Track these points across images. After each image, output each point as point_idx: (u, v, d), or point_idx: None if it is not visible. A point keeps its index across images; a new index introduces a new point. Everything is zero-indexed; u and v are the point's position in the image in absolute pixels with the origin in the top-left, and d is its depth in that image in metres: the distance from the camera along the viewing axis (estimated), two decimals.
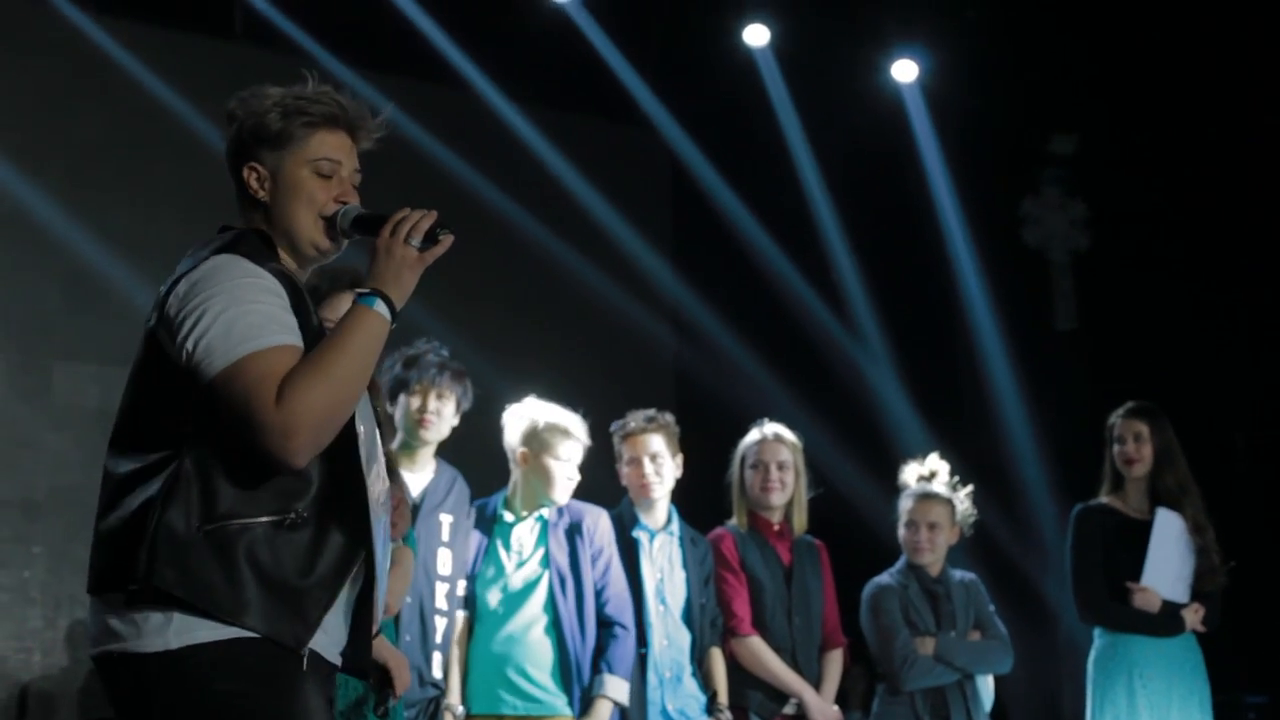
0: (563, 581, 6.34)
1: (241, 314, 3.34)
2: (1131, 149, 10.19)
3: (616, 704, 6.32)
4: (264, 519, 3.33)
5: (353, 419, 3.46)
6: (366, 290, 3.46)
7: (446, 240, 3.54)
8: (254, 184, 3.62)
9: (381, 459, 3.69)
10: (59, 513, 8.86)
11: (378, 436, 3.72)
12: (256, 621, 3.28)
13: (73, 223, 9.04)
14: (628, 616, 6.41)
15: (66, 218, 9.03)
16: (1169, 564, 7.29)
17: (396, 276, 3.48)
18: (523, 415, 6.46)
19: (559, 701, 6.27)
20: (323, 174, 3.62)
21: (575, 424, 6.48)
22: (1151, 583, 7.25)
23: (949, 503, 7.23)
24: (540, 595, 6.32)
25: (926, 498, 7.21)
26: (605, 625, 6.35)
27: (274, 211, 3.62)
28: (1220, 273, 9.65)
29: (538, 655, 6.28)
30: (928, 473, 7.30)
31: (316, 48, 9.11)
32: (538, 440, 6.41)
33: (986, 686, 7.21)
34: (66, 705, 8.89)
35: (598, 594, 6.38)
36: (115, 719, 3.38)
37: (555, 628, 6.30)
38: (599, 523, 6.51)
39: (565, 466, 6.41)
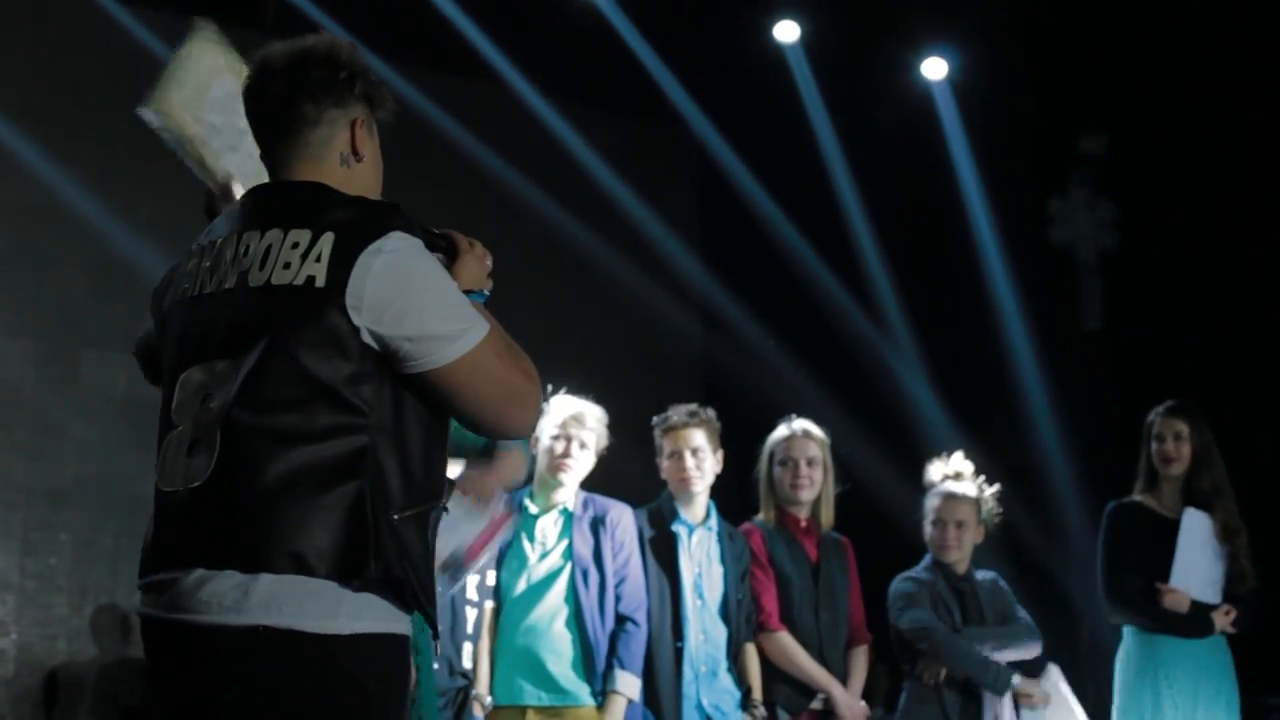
0: (585, 574, 6.33)
1: (460, 299, 3.36)
2: (1160, 149, 10.16)
3: (629, 699, 6.34)
4: (439, 503, 3.38)
5: None
6: (472, 289, 3.52)
7: None
8: (360, 139, 3.50)
9: None
10: (86, 501, 8.91)
11: None
12: (431, 609, 3.33)
13: (101, 211, 9.09)
14: (641, 613, 6.40)
15: (95, 206, 9.08)
16: (1198, 565, 7.27)
17: (481, 281, 3.60)
18: (549, 404, 6.46)
19: (581, 692, 6.27)
20: None
21: (590, 412, 6.47)
22: (1180, 584, 7.23)
23: (975, 501, 7.23)
24: (561, 587, 6.31)
25: (953, 497, 7.21)
26: (619, 620, 6.36)
27: (360, 178, 3.50)
28: (1247, 274, 9.62)
29: (559, 646, 6.28)
30: (953, 472, 7.30)
31: (348, 40, 9.10)
32: (548, 425, 6.41)
33: None
34: (92, 692, 8.92)
35: (615, 588, 6.39)
36: (210, 694, 3.19)
37: (576, 619, 6.30)
38: (623, 518, 6.50)
39: (566, 447, 6.40)
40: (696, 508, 6.75)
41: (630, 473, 6.95)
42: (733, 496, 7.18)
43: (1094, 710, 7.81)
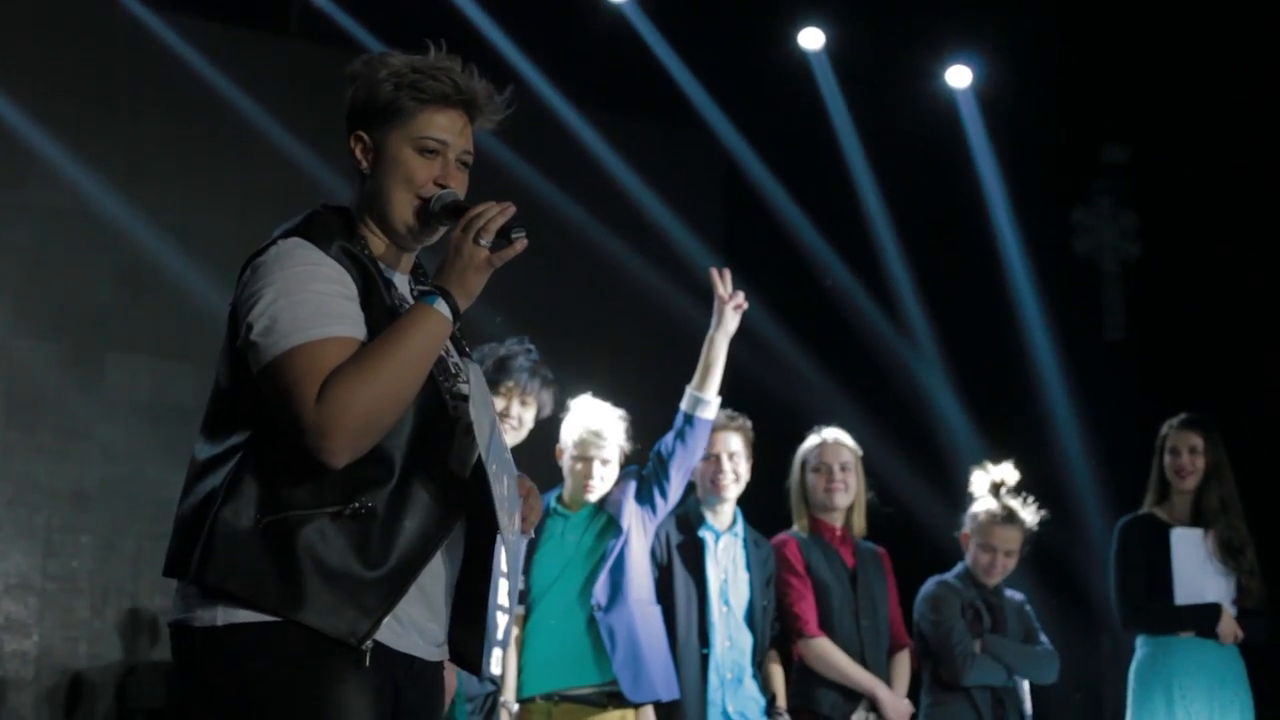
0: (620, 562, 6.36)
1: (289, 305, 3.25)
2: (1183, 160, 10.15)
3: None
4: (326, 510, 3.24)
5: (441, 413, 3.44)
6: (430, 288, 3.35)
7: (519, 243, 3.40)
8: (358, 154, 3.52)
9: (507, 451, 3.60)
10: (109, 504, 8.92)
11: (499, 428, 3.57)
12: (308, 615, 3.20)
13: (129, 215, 9.13)
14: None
15: (123, 210, 9.12)
16: (1199, 577, 7.29)
17: (461, 276, 3.36)
18: (571, 413, 6.47)
19: (610, 683, 6.26)
20: (426, 152, 3.52)
21: (608, 426, 6.46)
22: (1188, 600, 7.25)
23: (1026, 529, 7.21)
24: (590, 586, 6.33)
25: (1011, 524, 7.16)
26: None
27: (372, 185, 3.51)
28: (1270, 284, 9.60)
29: (590, 640, 6.28)
30: (999, 479, 7.29)
31: (373, 43, 9.12)
32: (570, 442, 6.43)
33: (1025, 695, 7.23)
34: (114, 695, 8.94)
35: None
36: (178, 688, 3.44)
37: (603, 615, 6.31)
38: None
39: (587, 468, 6.41)
40: (724, 514, 6.76)
41: None
42: (754, 507, 7.18)
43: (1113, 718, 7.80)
